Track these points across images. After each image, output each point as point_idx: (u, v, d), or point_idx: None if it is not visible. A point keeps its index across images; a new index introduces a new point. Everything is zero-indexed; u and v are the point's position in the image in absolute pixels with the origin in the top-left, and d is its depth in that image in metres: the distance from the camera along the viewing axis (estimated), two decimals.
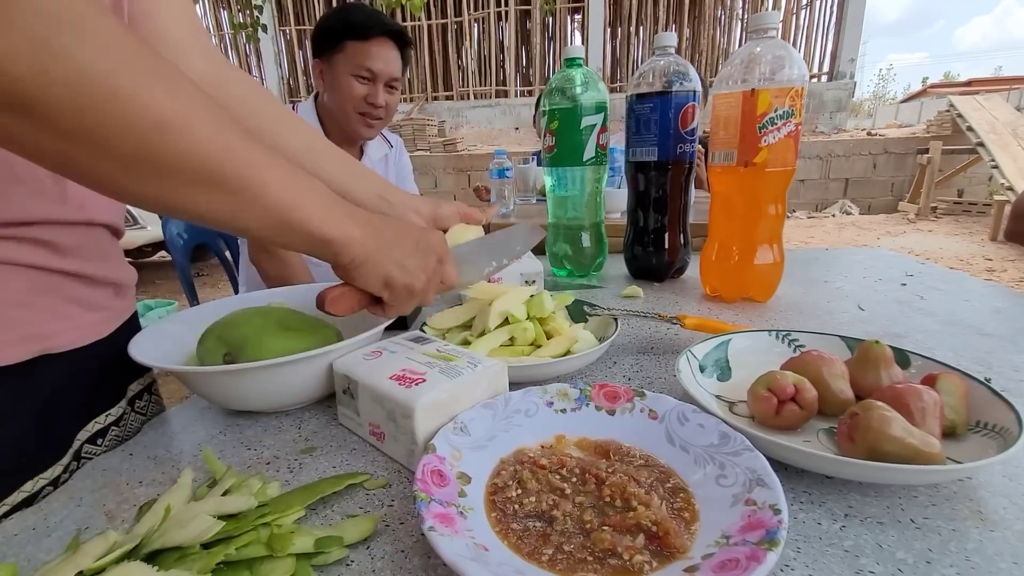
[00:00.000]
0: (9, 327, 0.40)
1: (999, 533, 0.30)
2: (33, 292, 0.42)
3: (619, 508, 0.31)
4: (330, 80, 1.22)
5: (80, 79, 0.26)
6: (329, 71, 1.22)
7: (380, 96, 1.21)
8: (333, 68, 1.20)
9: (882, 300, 0.72)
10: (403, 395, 0.37)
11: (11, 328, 0.40)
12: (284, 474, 0.39)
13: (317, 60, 1.24)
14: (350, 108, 1.21)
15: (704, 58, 6.90)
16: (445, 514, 0.29)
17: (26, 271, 0.41)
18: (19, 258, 0.40)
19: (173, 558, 0.28)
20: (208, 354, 0.44)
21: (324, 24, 1.22)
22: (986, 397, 0.38)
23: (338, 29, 1.18)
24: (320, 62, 1.23)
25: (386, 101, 1.23)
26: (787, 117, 0.63)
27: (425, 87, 7.38)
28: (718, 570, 0.25)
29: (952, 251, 4.17)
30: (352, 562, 0.30)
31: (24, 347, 0.41)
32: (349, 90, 1.19)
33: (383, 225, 0.40)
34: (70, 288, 0.45)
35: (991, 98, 6.02)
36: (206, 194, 0.32)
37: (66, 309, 0.45)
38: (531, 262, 0.77)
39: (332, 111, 1.25)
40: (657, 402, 0.40)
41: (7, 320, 0.40)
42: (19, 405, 0.42)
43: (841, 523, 0.31)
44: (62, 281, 0.44)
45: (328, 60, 1.21)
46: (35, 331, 0.42)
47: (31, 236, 0.41)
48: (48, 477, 0.42)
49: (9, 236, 0.40)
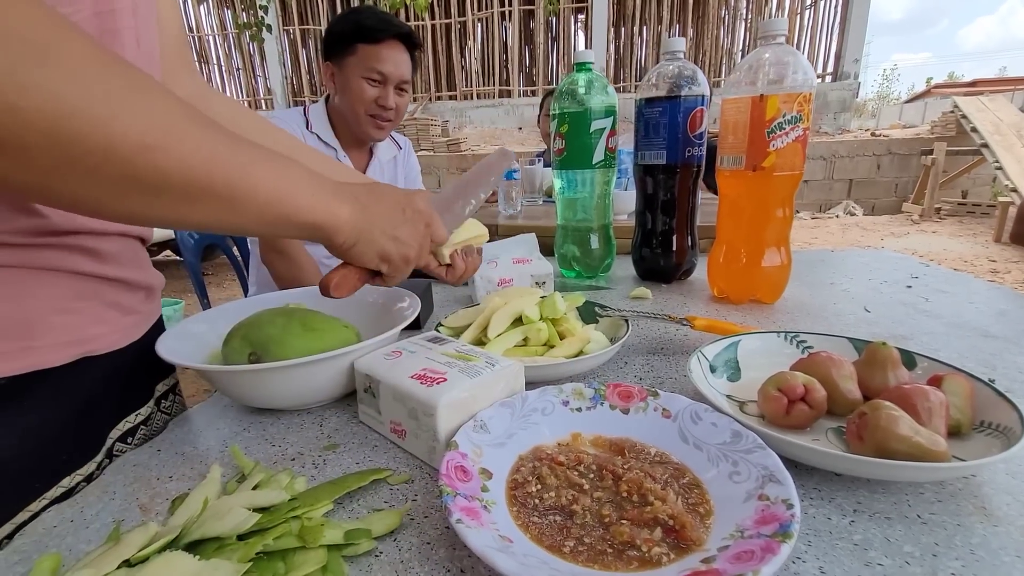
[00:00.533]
0: (56, 331, 0.41)
1: (1003, 528, 0.31)
2: (77, 298, 0.43)
3: (636, 503, 0.33)
4: (341, 82, 1.23)
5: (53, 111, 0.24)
6: (340, 73, 1.23)
7: (391, 98, 1.23)
8: (344, 71, 1.22)
9: (888, 302, 0.73)
10: (425, 394, 0.39)
11: (58, 332, 0.41)
12: (309, 469, 0.40)
13: (328, 63, 1.25)
14: (361, 110, 1.22)
15: (708, 59, 6.90)
16: (470, 508, 0.31)
17: (70, 277, 0.43)
18: (64, 264, 0.42)
19: (212, 548, 0.29)
20: (233, 353, 0.45)
21: (335, 27, 1.23)
22: (991, 397, 0.39)
23: (349, 32, 1.20)
24: (331, 64, 1.25)
25: (396, 103, 1.25)
26: (795, 122, 0.64)
27: (429, 87, 7.39)
28: (734, 561, 0.26)
29: (956, 252, 4.17)
30: (380, 553, 0.31)
31: (69, 350, 0.42)
32: (360, 93, 1.21)
33: (370, 198, 0.41)
34: (109, 293, 0.46)
35: (995, 99, 6.01)
36: (199, 205, 0.32)
37: (106, 314, 0.46)
38: (541, 264, 0.78)
39: (343, 113, 1.26)
40: (670, 401, 0.41)
41: (54, 325, 0.41)
42: (61, 405, 0.43)
43: (850, 518, 0.32)
44: (102, 286, 0.46)
45: (339, 63, 1.22)
46: (79, 335, 0.43)
47: (75, 244, 0.42)
48: (83, 473, 0.44)
49: (56, 244, 0.41)
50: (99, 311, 0.45)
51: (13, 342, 0.39)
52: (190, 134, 0.30)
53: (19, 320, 0.39)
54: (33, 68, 0.24)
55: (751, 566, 0.25)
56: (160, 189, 0.29)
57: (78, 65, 0.25)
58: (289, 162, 0.37)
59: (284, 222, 0.36)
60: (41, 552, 0.32)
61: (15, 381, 0.39)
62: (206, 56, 7.74)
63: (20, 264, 0.39)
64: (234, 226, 0.35)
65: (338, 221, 0.38)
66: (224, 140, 0.32)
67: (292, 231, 0.37)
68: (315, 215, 0.37)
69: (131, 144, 0.27)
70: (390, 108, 1.23)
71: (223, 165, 0.32)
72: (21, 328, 0.39)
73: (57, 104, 0.24)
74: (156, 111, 0.29)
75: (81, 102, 0.25)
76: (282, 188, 0.35)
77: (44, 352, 0.41)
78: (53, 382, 0.42)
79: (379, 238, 0.40)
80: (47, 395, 0.42)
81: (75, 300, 0.43)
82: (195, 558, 0.28)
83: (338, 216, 0.38)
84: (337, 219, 0.38)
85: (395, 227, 0.41)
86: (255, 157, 0.34)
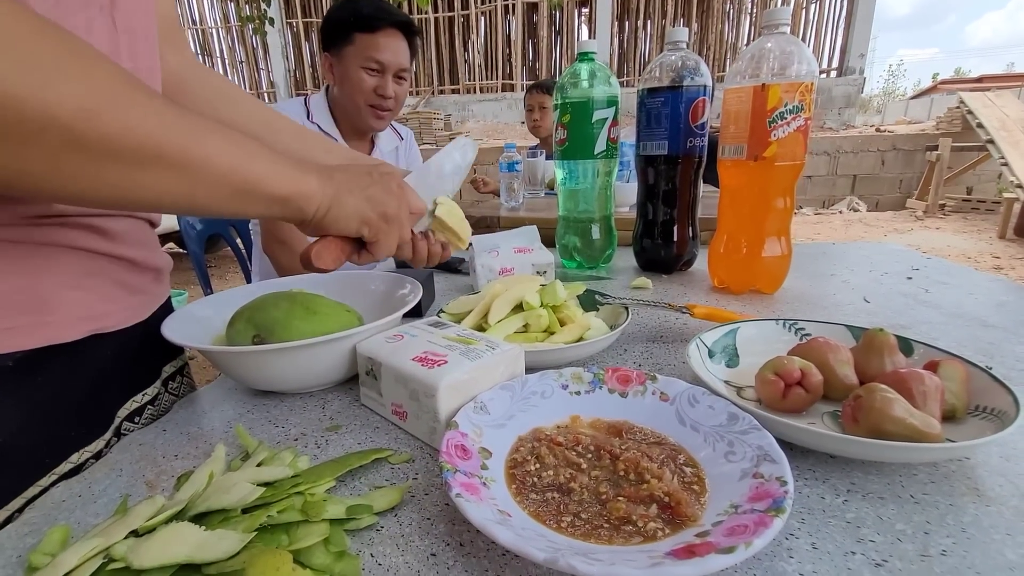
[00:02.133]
0: (68, 307, 0.42)
1: (994, 508, 0.32)
2: (86, 274, 0.44)
3: (633, 481, 0.33)
4: (340, 73, 1.23)
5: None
6: (339, 64, 1.23)
7: (390, 87, 1.22)
8: (342, 61, 1.22)
9: (888, 293, 0.73)
10: (426, 376, 0.39)
11: (70, 308, 0.42)
12: (312, 449, 0.41)
13: (327, 53, 1.26)
14: (360, 100, 1.22)
15: (712, 53, 6.86)
16: (470, 484, 0.31)
17: (79, 254, 0.43)
18: (74, 241, 0.43)
19: (217, 520, 0.30)
20: (238, 335, 0.46)
21: (332, 17, 1.23)
22: (986, 382, 0.39)
23: (346, 22, 1.19)
24: (329, 55, 1.25)
25: (395, 92, 1.25)
26: (797, 112, 0.64)
27: (431, 81, 7.38)
28: (728, 534, 0.27)
29: (960, 249, 4.15)
30: (382, 528, 0.32)
31: (81, 326, 0.43)
32: (359, 83, 1.21)
33: (334, 169, 0.41)
34: (117, 271, 0.47)
35: (1002, 94, 5.97)
36: (153, 175, 0.31)
37: (114, 292, 0.47)
38: (542, 253, 0.79)
39: (343, 104, 1.26)
40: (668, 385, 0.41)
41: (66, 300, 0.42)
42: (72, 382, 0.44)
43: (844, 498, 0.33)
44: (110, 265, 0.46)
45: (337, 53, 1.22)
46: (89, 311, 0.44)
47: (84, 223, 0.43)
48: (92, 451, 0.45)
49: (65, 223, 0.42)
50: (107, 289, 0.46)
51: (29, 316, 0.40)
52: (135, 100, 0.29)
53: (34, 295, 0.40)
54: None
55: (744, 538, 0.25)
56: (105, 155, 0.29)
57: (13, 37, 0.25)
58: (249, 138, 0.36)
59: (249, 195, 0.35)
60: (51, 525, 0.33)
61: (30, 356, 0.40)
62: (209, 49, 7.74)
63: (32, 240, 0.40)
64: (196, 200, 0.34)
65: (307, 189, 0.37)
66: (175, 111, 0.32)
67: (260, 206, 0.36)
68: (282, 186, 0.36)
69: (69, 109, 0.27)
70: (389, 97, 1.23)
71: (174, 131, 0.31)
72: (36, 303, 0.40)
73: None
74: (96, 77, 0.28)
75: (15, 72, 0.25)
76: (241, 158, 0.34)
77: (57, 327, 0.41)
78: (64, 359, 0.43)
79: (351, 200, 0.40)
80: (58, 371, 0.43)
81: (85, 277, 0.44)
82: (201, 528, 0.28)
83: (307, 185, 0.37)
84: (304, 187, 0.37)
85: (366, 187, 0.41)
86: (210, 129, 0.33)
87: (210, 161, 0.33)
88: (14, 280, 0.39)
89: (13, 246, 0.39)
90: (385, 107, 1.25)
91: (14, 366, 0.40)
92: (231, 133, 0.35)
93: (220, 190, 0.34)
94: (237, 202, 0.35)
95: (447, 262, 0.96)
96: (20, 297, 0.39)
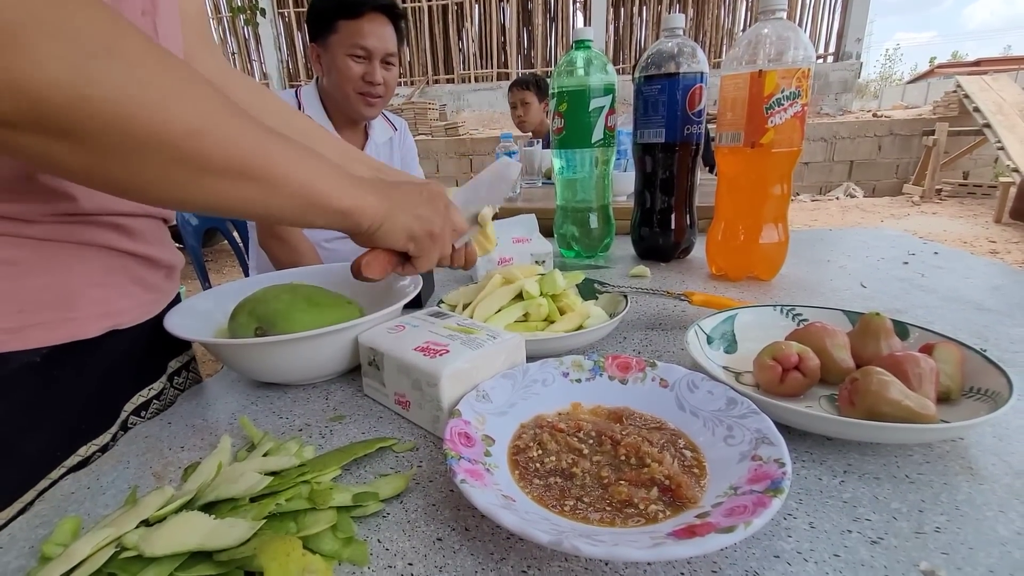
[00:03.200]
0: (91, 304, 0.44)
1: (987, 486, 0.32)
2: (107, 272, 0.45)
3: (634, 465, 0.34)
4: (327, 63, 1.22)
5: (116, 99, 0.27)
6: (325, 54, 1.22)
7: (377, 73, 1.21)
8: (329, 50, 1.21)
9: (884, 278, 0.74)
10: (429, 365, 0.40)
11: (93, 305, 0.44)
12: (316, 439, 0.41)
13: (314, 44, 1.25)
14: (349, 89, 1.21)
15: (708, 39, 6.81)
16: (474, 470, 0.32)
17: (101, 252, 0.45)
18: (97, 239, 0.44)
19: (226, 509, 0.30)
20: (240, 328, 0.46)
21: (315, 6, 1.21)
22: (980, 364, 0.40)
23: (329, 10, 1.18)
24: (316, 46, 1.24)
25: (384, 78, 1.23)
26: (793, 98, 0.64)
27: (426, 70, 7.31)
28: (727, 515, 0.27)
29: (956, 233, 4.17)
30: (388, 514, 0.33)
31: (101, 322, 0.45)
32: (346, 71, 1.19)
33: (388, 186, 0.43)
34: (135, 269, 0.48)
35: (999, 78, 5.95)
36: (239, 189, 0.34)
37: (132, 289, 0.48)
38: (541, 243, 0.79)
39: (332, 94, 1.25)
40: (668, 372, 0.42)
41: (89, 298, 0.43)
42: (86, 376, 0.45)
43: (840, 479, 0.34)
44: (129, 262, 0.48)
45: (323, 43, 1.21)
46: (109, 308, 0.45)
47: (107, 221, 0.45)
48: (99, 444, 0.46)
49: (88, 221, 0.43)
50: (126, 286, 0.47)
51: (55, 312, 0.41)
52: (230, 122, 0.33)
53: (60, 292, 0.42)
54: (100, 62, 0.27)
55: (743, 518, 0.26)
56: (203, 171, 0.32)
57: (137, 59, 0.28)
58: (318, 154, 0.39)
59: (316, 208, 0.38)
60: (61, 516, 0.33)
61: (54, 351, 0.42)
62: None
63: (59, 238, 0.41)
64: (269, 210, 0.37)
65: (365, 205, 0.40)
66: (258, 128, 0.35)
67: (324, 218, 0.39)
68: (343, 202, 0.39)
69: (180, 130, 0.30)
70: (378, 83, 1.21)
71: (261, 151, 0.34)
72: (62, 299, 0.42)
73: (120, 93, 0.27)
74: (201, 101, 0.32)
75: (140, 92, 0.28)
76: (312, 174, 0.37)
77: (80, 324, 0.43)
78: (82, 355, 0.44)
79: (403, 217, 0.42)
80: (75, 367, 0.44)
81: (106, 274, 0.45)
82: (211, 517, 0.29)
83: (365, 201, 0.40)
84: (363, 203, 0.40)
85: (416, 206, 0.43)
86: (289, 148, 0.37)
87: (288, 178, 0.36)
88: (43, 277, 0.41)
89: (42, 244, 0.41)
90: (374, 94, 1.23)
91: (41, 361, 0.41)
92: (303, 149, 0.38)
93: (293, 201, 0.37)
94: (305, 213, 0.38)
95: None
96: (48, 294, 0.41)
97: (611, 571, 0.28)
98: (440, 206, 0.45)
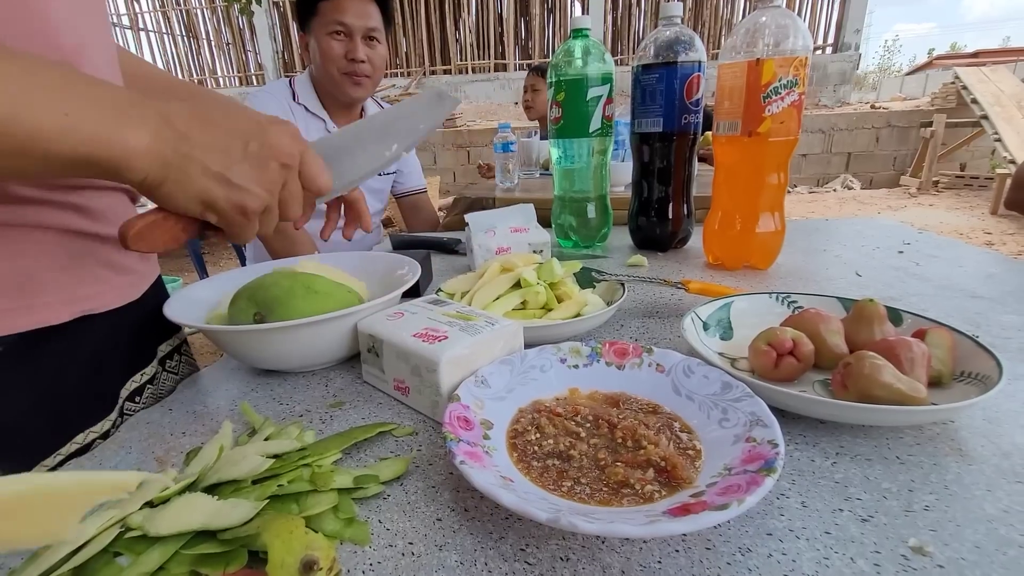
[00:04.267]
0: (55, 289, 0.42)
1: (976, 467, 0.33)
2: (71, 256, 0.43)
3: (630, 448, 0.34)
4: (313, 48, 1.22)
5: None
6: (311, 39, 1.22)
7: (360, 50, 1.19)
8: (313, 34, 1.21)
9: (879, 267, 0.74)
10: (428, 351, 0.40)
11: (57, 290, 0.42)
12: (316, 425, 0.42)
13: (302, 33, 1.25)
14: (333, 70, 1.20)
15: (707, 29, 6.77)
16: (473, 452, 0.32)
17: (64, 236, 0.43)
18: (53, 222, 0.42)
19: (229, 491, 0.31)
20: (240, 314, 0.46)
21: None
22: (971, 349, 0.40)
23: None
24: (304, 35, 1.24)
25: (368, 55, 1.20)
26: (791, 87, 0.64)
27: (423, 61, 7.25)
28: (721, 494, 0.28)
29: (952, 225, 4.18)
30: (388, 496, 0.33)
31: (67, 308, 0.43)
32: (328, 51, 1.18)
33: (193, 122, 0.31)
34: (103, 251, 0.47)
35: (997, 70, 5.94)
36: None
37: (101, 272, 0.46)
38: (538, 232, 0.79)
39: (321, 79, 1.24)
40: (664, 357, 0.42)
41: (53, 283, 0.42)
42: (66, 364, 0.44)
43: (832, 460, 0.34)
44: (95, 245, 0.46)
45: (309, 29, 1.22)
46: (73, 293, 0.44)
47: (63, 200, 0.42)
48: (98, 431, 0.46)
49: (42, 200, 0.41)
50: (94, 270, 0.46)
51: (13, 300, 0.40)
52: None
53: (14, 279, 0.39)
54: None
55: (737, 496, 0.26)
56: None
57: None
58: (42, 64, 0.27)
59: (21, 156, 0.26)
60: None
61: (23, 339, 0.40)
62: (195, 31, 7.56)
63: (9, 223, 0.39)
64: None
65: (127, 150, 0.28)
66: None
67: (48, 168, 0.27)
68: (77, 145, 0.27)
69: None
70: (361, 61, 1.19)
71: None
72: (19, 286, 0.39)
73: None
74: None
75: None
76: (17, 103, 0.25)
77: (43, 310, 0.41)
78: (59, 341, 0.43)
79: (199, 178, 0.31)
80: (55, 354, 0.43)
81: (70, 258, 0.43)
82: (214, 498, 0.29)
83: (128, 144, 0.28)
84: (126, 148, 0.28)
85: (228, 165, 0.32)
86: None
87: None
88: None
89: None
90: (360, 72, 1.20)
91: (5, 350, 0.40)
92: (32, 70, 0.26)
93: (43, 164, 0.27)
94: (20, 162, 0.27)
95: (443, 242, 0.96)
96: (2, 281, 0.38)
97: (607, 548, 0.28)
98: (271, 167, 0.33)
